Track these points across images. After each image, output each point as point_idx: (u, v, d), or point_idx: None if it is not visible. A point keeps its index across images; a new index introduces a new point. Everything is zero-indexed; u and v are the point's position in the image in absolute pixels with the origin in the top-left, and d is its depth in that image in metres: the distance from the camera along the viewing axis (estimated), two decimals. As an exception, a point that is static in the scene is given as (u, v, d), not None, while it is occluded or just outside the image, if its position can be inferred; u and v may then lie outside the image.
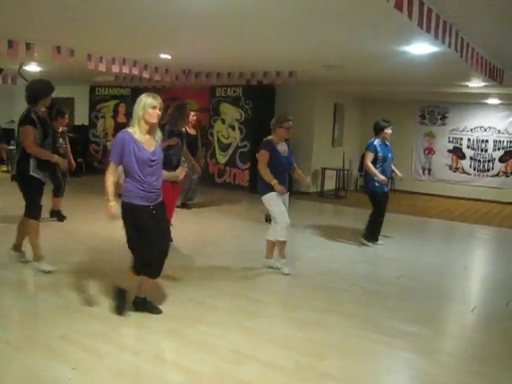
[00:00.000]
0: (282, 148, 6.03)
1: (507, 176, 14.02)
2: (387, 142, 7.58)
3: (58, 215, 8.18)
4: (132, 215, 4.25)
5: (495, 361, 4.01)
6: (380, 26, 6.13)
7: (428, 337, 4.43)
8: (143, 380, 3.43)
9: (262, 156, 5.95)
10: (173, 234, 5.13)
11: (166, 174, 4.83)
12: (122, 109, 10.14)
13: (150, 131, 4.32)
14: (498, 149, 14.10)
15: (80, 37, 7.88)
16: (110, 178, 4.23)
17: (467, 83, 10.58)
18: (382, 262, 6.90)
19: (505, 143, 14.00)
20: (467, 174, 14.51)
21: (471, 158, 14.45)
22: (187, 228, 8.36)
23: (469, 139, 14.43)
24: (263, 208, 7.11)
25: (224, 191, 13.02)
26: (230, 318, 4.57)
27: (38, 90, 5.61)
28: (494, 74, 8.00)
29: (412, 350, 4.11)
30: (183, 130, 7.10)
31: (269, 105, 13.32)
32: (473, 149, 14.41)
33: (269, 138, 6.04)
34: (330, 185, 13.67)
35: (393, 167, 7.71)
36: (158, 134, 4.40)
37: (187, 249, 6.98)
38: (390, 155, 7.54)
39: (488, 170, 14.23)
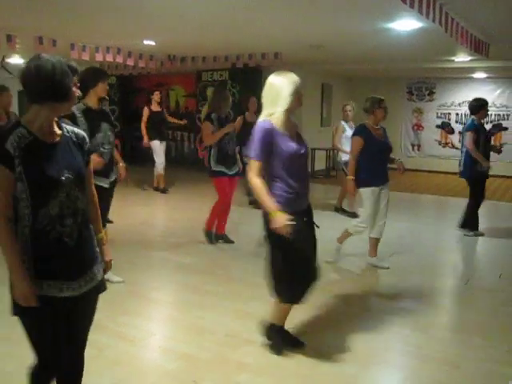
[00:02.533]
0: (379, 132, 5.55)
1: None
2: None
3: None
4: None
5: (489, 333, 4.06)
6: (364, 3, 6.09)
7: (423, 312, 4.47)
8: (141, 368, 3.44)
9: (355, 143, 5.48)
10: (165, 221, 5.11)
11: None
12: (156, 97, 10.05)
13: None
14: (486, 122, 14.12)
15: (61, 26, 7.79)
16: (260, 181, 3.36)
17: (453, 58, 10.56)
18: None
19: (492, 116, 14.04)
20: (456, 148, 14.53)
21: (460, 133, 14.42)
22: (179, 214, 8.34)
23: (457, 114, 14.47)
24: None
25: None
26: (226, 302, 4.58)
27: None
28: (479, 48, 7.99)
29: (408, 326, 4.15)
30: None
31: (256, 87, 13.18)
32: (461, 123, 14.41)
33: (363, 122, 5.57)
34: (320, 165, 13.68)
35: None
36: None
37: (183, 234, 6.97)
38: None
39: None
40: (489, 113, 13.93)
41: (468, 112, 7.58)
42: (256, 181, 3.35)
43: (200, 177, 12.69)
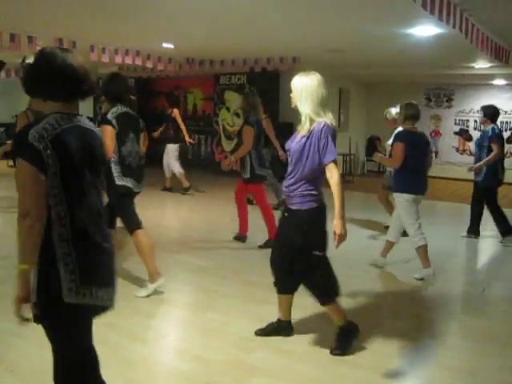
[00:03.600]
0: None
1: (515, 157, 13.94)
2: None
3: None
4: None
5: (507, 342, 4.01)
6: (384, 9, 6.08)
7: (438, 319, 4.44)
8: (154, 369, 3.45)
9: (396, 149, 5.46)
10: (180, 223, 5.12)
11: None
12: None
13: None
14: (505, 130, 13.99)
15: (82, 28, 7.87)
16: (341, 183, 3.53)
17: (473, 64, 10.49)
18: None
19: (511, 124, 13.90)
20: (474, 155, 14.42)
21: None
22: (195, 216, 8.37)
23: (475, 121, 14.33)
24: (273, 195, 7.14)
25: (230, 179, 12.98)
26: (240, 305, 4.58)
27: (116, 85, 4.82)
28: (500, 55, 7.93)
29: (423, 332, 4.12)
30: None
31: (273, 91, 13.25)
32: (479, 130, 14.29)
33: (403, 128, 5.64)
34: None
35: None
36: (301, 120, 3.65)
37: (196, 236, 6.99)
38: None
39: (495, 151, 14.13)
40: (509, 120, 13.88)
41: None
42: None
43: (216, 180, 12.75)
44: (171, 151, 10.32)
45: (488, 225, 7.62)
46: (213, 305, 4.57)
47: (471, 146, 14.43)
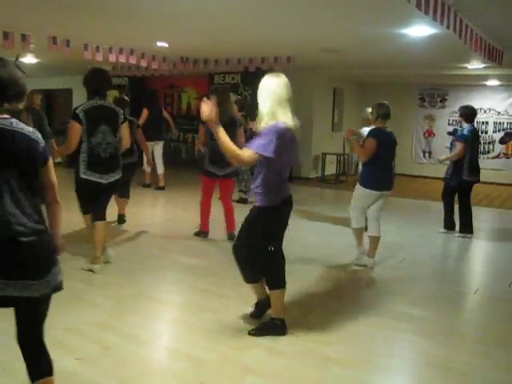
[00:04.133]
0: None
1: (508, 158, 13.99)
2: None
3: None
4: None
5: (498, 342, 4.02)
6: (378, 9, 6.08)
7: (431, 319, 4.45)
8: (148, 369, 3.44)
9: (368, 144, 5.62)
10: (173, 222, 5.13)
11: None
12: None
13: None
14: (499, 130, 14.05)
15: (75, 27, 7.84)
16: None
17: (466, 65, 10.52)
18: (383, 246, 6.89)
19: (505, 125, 13.96)
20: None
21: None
22: (188, 215, 8.35)
23: (469, 121, 14.37)
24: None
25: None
26: (234, 304, 4.57)
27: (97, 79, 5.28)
28: (493, 55, 7.96)
29: (416, 333, 4.12)
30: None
31: (267, 91, 13.25)
32: (473, 131, 14.35)
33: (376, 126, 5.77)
34: (330, 170, 13.66)
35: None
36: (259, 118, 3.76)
37: (188, 236, 6.97)
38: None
39: (488, 152, 14.19)
40: (501, 121, 13.93)
41: (480, 119, 7.60)
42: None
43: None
44: (158, 149, 10.60)
45: (482, 222, 7.64)
46: (205, 304, 4.56)
47: (464, 146, 14.47)
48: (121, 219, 7.45)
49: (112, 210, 5.88)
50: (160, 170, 10.66)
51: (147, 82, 15.27)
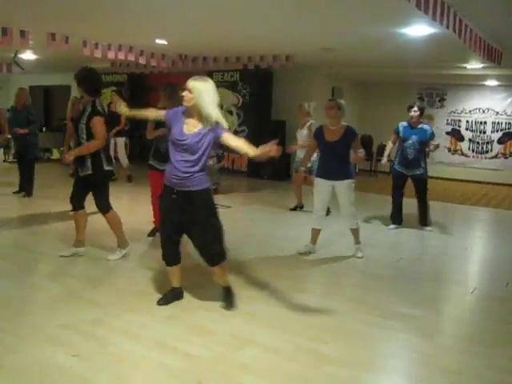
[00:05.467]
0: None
1: (506, 158, 14.02)
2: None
3: None
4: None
5: (494, 341, 4.03)
6: (378, 8, 6.08)
7: (428, 319, 4.45)
8: (144, 366, 3.44)
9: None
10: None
11: None
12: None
13: (192, 115, 4.14)
14: (497, 130, 14.07)
15: (74, 23, 7.83)
16: None
17: (465, 65, 10.53)
18: (381, 246, 6.91)
19: (503, 125, 13.98)
20: (466, 156, 14.50)
21: (470, 140, 14.43)
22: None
23: (467, 121, 14.41)
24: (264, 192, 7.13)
25: (222, 176, 12.99)
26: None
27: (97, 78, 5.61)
28: (492, 56, 7.95)
29: (412, 332, 4.12)
30: None
31: (266, 89, 13.26)
32: (471, 131, 14.38)
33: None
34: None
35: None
36: (208, 119, 4.10)
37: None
38: (413, 137, 7.62)
39: (487, 152, 14.22)
40: (500, 121, 13.95)
41: (479, 119, 7.63)
42: None
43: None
44: (121, 144, 11.12)
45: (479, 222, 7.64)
46: (201, 302, 4.56)
47: (463, 146, 14.50)
48: None
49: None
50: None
51: (146, 80, 15.25)
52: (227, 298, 4.49)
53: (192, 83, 4.06)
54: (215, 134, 4.15)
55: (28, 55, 11.78)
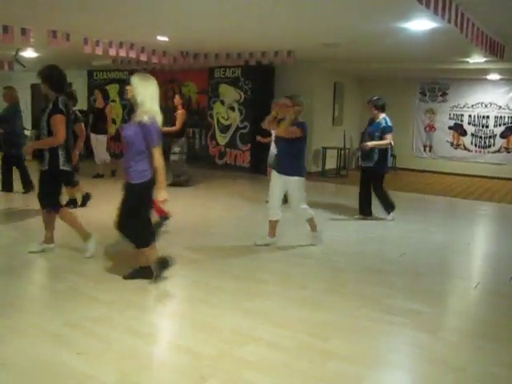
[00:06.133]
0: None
1: (508, 152, 13.98)
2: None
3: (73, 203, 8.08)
4: None
5: (499, 336, 4.02)
6: (379, 3, 6.06)
7: (431, 314, 4.44)
8: (148, 363, 3.44)
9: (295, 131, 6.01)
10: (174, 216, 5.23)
11: None
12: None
13: (135, 109, 4.61)
14: (499, 125, 14.03)
15: (75, 20, 7.82)
16: None
17: (468, 59, 10.50)
18: (384, 241, 6.90)
19: (506, 119, 13.94)
20: (468, 150, 14.46)
21: (472, 135, 14.39)
22: (190, 210, 8.35)
23: (470, 115, 14.36)
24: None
25: (225, 173, 13.00)
26: (233, 298, 4.58)
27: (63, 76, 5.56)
28: (494, 50, 7.92)
29: (415, 327, 4.12)
30: None
31: (268, 85, 13.25)
32: (474, 125, 14.34)
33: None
34: (330, 164, 13.65)
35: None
36: (138, 112, 4.51)
37: (191, 230, 6.99)
38: (367, 129, 7.88)
39: (489, 146, 14.19)
40: (503, 115, 13.91)
41: (481, 114, 7.60)
42: None
43: (210, 173, 12.76)
44: (102, 141, 11.16)
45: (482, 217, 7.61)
46: (206, 299, 4.56)
47: (465, 140, 14.47)
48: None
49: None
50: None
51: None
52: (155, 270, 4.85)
53: (132, 78, 4.54)
54: (147, 134, 4.48)
55: (29, 53, 11.77)
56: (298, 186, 6.11)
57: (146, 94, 4.49)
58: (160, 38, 9.28)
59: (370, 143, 7.60)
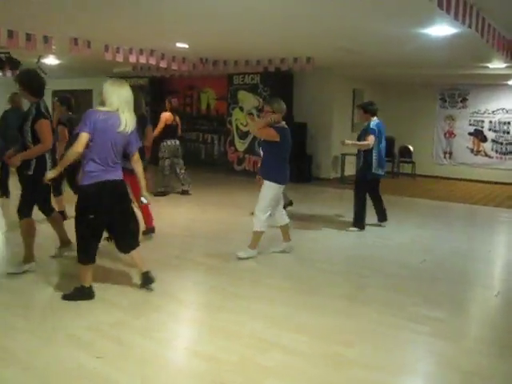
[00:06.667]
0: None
1: (530, 158, 13.81)
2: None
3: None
4: None
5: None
6: (399, 8, 6.04)
7: (454, 322, 4.40)
8: (167, 368, 3.45)
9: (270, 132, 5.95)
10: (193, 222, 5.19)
11: None
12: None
13: None
14: (520, 130, 13.87)
15: (96, 28, 7.91)
16: None
17: (488, 64, 10.40)
18: (404, 248, 6.85)
19: (526, 125, 13.77)
20: (489, 156, 14.30)
21: (493, 141, 14.23)
22: (207, 216, 8.37)
23: (490, 121, 14.21)
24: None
25: (243, 179, 13.01)
26: (251, 304, 4.57)
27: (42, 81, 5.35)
28: (516, 55, 7.85)
29: (438, 336, 4.07)
30: None
31: (287, 91, 13.24)
32: (494, 131, 14.18)
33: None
34: (349, 170, 13.58)
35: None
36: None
37: (208, 236, 7.00)
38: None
39: (510, 153, 14.01)
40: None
41: (502, 120, 7.47)
42: None
43: (228, 179, 12.79)
44: None
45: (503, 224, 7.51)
46: (224, 305, 4.56)
47: (486, 147, 14.32)
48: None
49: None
50: None
51: (167, 83, 15.35)
52: (148, 280, 4.81)
53: (104, 84, 4.49)
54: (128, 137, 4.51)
55: (51, 60, 11.92)
56: (264, 189, 5.92)
57: (114, 98, 4.37)
58: (180, 44, 9.34)
59: (349, 141, 7.57)
